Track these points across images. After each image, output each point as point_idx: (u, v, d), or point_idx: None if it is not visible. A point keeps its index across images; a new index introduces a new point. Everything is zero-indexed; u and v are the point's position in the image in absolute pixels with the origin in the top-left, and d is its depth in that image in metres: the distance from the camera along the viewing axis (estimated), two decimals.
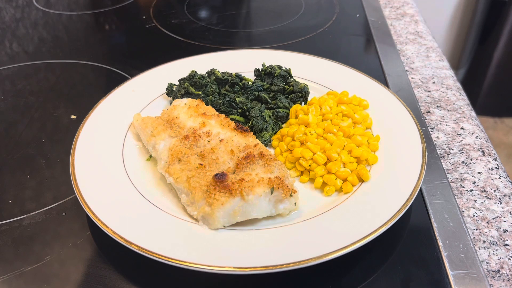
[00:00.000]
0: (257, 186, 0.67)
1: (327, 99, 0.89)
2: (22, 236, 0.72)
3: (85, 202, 0.69)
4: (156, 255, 0.60)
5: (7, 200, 0.79)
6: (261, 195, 0.66)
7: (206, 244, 0.64)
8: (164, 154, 0.76)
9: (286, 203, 0.69)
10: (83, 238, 0.71)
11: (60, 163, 0.87)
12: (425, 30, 1.35)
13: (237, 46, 1.29)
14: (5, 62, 1.25)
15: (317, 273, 0.64)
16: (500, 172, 0.83)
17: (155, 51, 1.29)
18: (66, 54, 1.28)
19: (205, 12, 1.55)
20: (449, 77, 1.12)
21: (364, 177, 0.75)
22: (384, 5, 1.51)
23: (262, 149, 0.74)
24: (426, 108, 1.01)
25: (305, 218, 0.69)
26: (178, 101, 0.88)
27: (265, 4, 1.59)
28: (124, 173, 0.77)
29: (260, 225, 0.69)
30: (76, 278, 0.65)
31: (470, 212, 0.75)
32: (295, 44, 1.28)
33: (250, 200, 0.66)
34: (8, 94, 1.11)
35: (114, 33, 1.45)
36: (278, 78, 0.99)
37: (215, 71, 1.00)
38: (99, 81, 1.18)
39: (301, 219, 0.69)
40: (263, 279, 0.65)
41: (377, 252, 0.67)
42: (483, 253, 0.68)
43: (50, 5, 1.59)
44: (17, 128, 0.98)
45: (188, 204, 0.69)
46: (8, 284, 0.65)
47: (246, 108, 0.91)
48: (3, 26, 1.45)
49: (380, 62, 1.17)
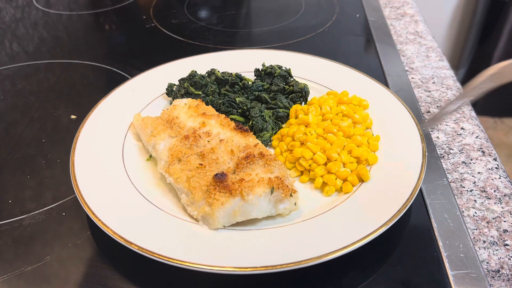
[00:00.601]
0: (257, 186, 0.67)
1: (327, 99, 0.89)
2: (22, 236, 0.72)
3: (85, 202, 0.69)
4: (156, 255, 0.60)
5: (7, 200, 0.79)
6: (261, 195, 0.66)
7: (206, 244, 0.64)
8: (164, 154, 0.76)
9: (286, 203, 0.69)
10: (83, 238, 0.71)
11: (60, 163, 0.87)
12: (425, 30, 1.35)
13: (237, 46, 1.29)
14: (5, 62, 1.25)
15: (317, 273, 0.64)
16: (500, 172, 0.83)
17: (155, 51, 1.29)
18: (66, 54, 1.28)
19: (205, 12, 1.55)
20: (449, 77, 1.12)
21: (364, 177, 0.75)
22: (384, 5, 1.51)
23: (262, 149, 0.74)
24: (426, 108, 1.01)
25: (305, 218, 0.69)
26: (178, 101, 0.88)
27: (265, 4, 1.59)
28: (124, 173, 0.77)
29: (260, 225, 0.69)
30: (76, 278, 0.65)
31: (470, 212, 0.75)
32: (295, 44, 1.28)
33: (250, 200, 0.66)
34: (8, 94, 1.11)
35: (114, 33, 1.45)
36: (278, 78, 0.99)
37: (215, 71, 1.00)
38: (99, 81, 1.18)
39: (301, 219, 0.69)
40: (263, 279, 0.65)
41: (377, 252, 0.67)
42: (483, 253, 0.68)
43: (50, 5, 1.59)
44: (17, 128, 0.98)
45: (188, 204, 0.69)
46: (8, 284, 0.65)
47: (246, 108, 0.91)
48: (3, 26, 1.45)
49: (380, 62, 1.17)
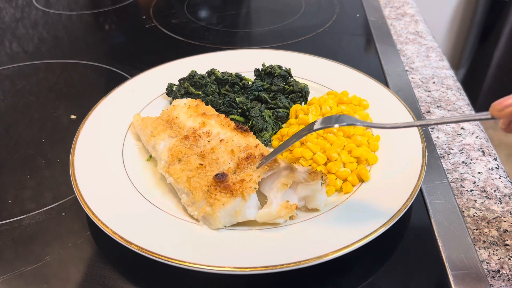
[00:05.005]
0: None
1: (327, 99, 0.89)
2: (22, 236, 0.72)
3: (85, 202, 0.69)
4: (156, 255, 0.60)
5: (7, 200, 0.79)
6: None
7: (206, 244, 0.64)
8: (164, 154, 0.76)
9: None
10: (83, 238, 0.71)
11: (60, 163, 0.87)
12: (425, 30, 1.35)
13: (237, 46, 1.29)
14: (5, 62, 1.24)
15: (317, 273, 0.64)
16: (500, 172, 0.83)
17: (155, 51, 1.29)
18: (66, 54, 1.28)
19: (205, 12, 1.55)
20: (449, 77, 1.12)
21: (364, 177, 0.75)
22: (384, 5, 1.51)
23: (262, 149, 0.74)
24: (426, 108, 1.01)
25: (305, 218, 0.69)
26: (178, 101, 0.88)
27: (265, 4, 1.59)
28: (124, 173, 0.77)
29: (260, 225, 0.69)
30: (76, 278, 0.65)
31: (470, 212, 0.75)
32: (295, 44, 1.28)
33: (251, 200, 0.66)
34: (8, 94, 1.11)
35: (114, 33, 1.45)
36: (278, 78, 0.98)
37: (215, 71, 0.99)
38: (99, 81, 1.18)
39: (301, 219, 0.69)
40: (263, 279, 0.65)
41: (377, 252, 0.67)
42: (483, 253, 0.68)
43: (50, 5, 1.59)
44: (17, 128, 0.98)
45: (188, 204, 0.69)
46: (8, 284, 0.65)
47: (246, 108, 0.91)
48: (3, 26, 1.45)
49: (380, 62, 1.17)
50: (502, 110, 0.51)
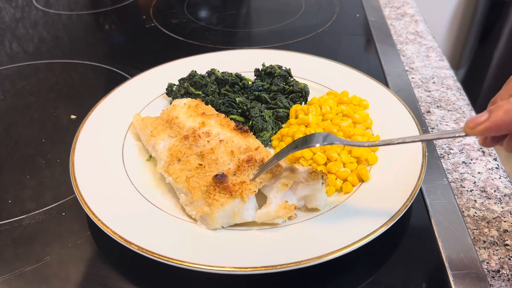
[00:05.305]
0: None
1: (327, 99, 0.89)
2: (22, 236, 0.72)
3: (85, 202, 0.69)
4: (156, 255, 0.60)
5: (7, 200, 0.79)
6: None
7: (206, 244, 0.64)
8: (164, 154, 0.76)
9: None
10: (83, 238, 0.71)
11: (60, 163, 0.87)
12: (425, 30, 1.35)
13: (237, 46, 1.29)
14: (5, 62, 1.24)
15: (317, 273, 0.64)
16: (500, 172, 0.83)
17: (155, 51, 1.29)
18: (66, 54, 1.28)
19: (205, 12, 1.55)
20: (449, 77, 1.12)
21: (364, 177, 0.74)
22: (384, 5, 1.51)
23: (263, 153, 0.73)
24: (426, 108, 1.01)
25: (305, 218, 0.69)
26: (178, 101, 0.88)
27: (265, 4, 1.59)
28: (124, 173, 0.77)
29: (260, 225, 0.69)
30: (76, 278, 0.65)
31: (470, 212, 0.75)
32: (295, 44, 1.28)
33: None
34: (8, 94, 1.11)
35: (114, 33, 1.45)
36: (278, 78, 0.98)
37: (215, 71, 0.99)
38: (99, 81, 1.18)
39: (301, 219, 0.69)
40: (263, 279, 0.65)
41: (377, 252, 0.67)
42: (483, 253, 0.68)
43: (50, 5, 1.59)
44: (17, 128, 0.98)
45: (186, 204, 0.69)
46: (8, 284, 0.65)
47: (246, 108, 0.91)
48: (3, 26, 1.45)
49: (380, 62, 1.17)
50: (474, 128, 0.52)
